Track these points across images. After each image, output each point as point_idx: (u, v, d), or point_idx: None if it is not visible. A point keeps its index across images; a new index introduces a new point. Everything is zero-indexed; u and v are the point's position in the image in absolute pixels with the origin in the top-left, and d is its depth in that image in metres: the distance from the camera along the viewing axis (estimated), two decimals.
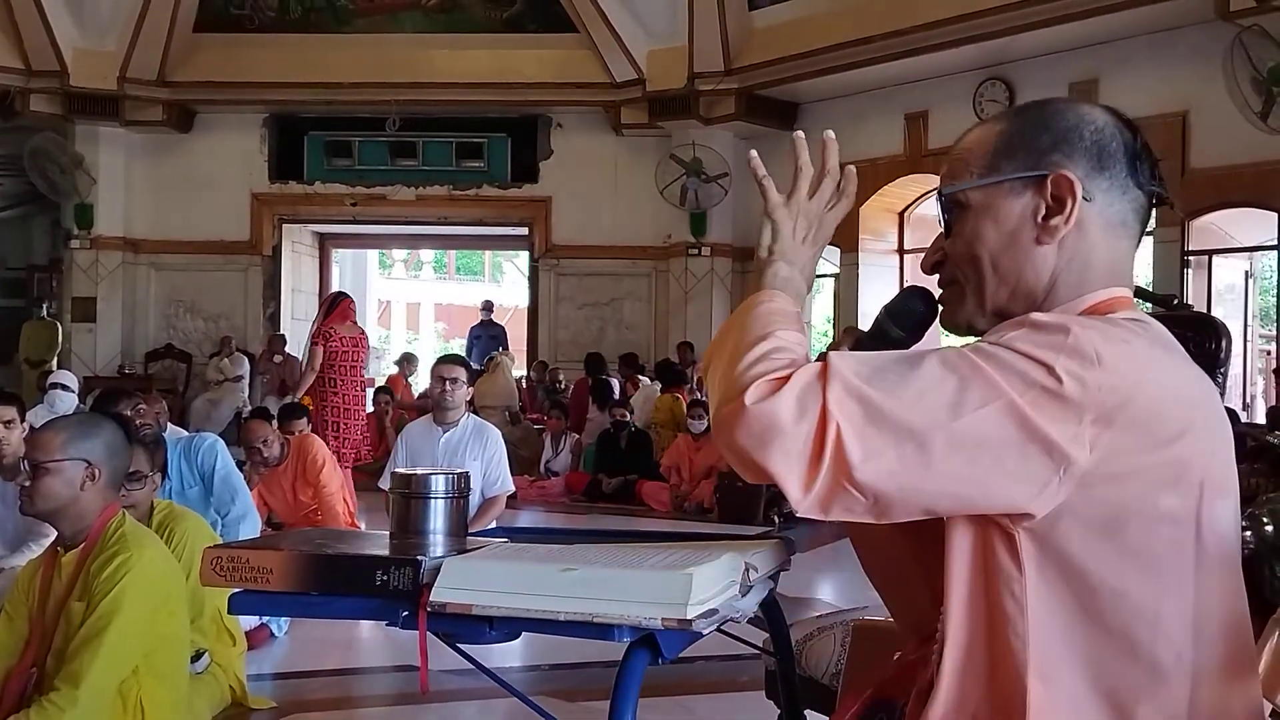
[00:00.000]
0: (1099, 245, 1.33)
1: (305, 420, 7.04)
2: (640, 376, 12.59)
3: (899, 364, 1.19)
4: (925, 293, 1.45)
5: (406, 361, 14.67)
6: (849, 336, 1.49)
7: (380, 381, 13.89)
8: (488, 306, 16.60)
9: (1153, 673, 1.19)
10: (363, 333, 8.91)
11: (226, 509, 5.01)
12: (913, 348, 1.44)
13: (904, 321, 1.44)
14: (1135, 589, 1.19)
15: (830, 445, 1.13)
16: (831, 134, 1.43)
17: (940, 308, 1.43)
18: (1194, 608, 1.20)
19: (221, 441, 5.30)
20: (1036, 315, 1.23)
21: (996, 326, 1.28)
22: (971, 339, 1.32)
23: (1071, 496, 1.16)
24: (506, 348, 14.85)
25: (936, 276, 1.42)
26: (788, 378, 1.18)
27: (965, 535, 1.23)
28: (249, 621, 4.67)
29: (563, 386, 12.94)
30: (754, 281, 1.39)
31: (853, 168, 1.44)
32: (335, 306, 8.90)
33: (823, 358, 1.20)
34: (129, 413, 4.75)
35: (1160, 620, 1.19)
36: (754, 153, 1.48)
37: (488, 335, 15.61)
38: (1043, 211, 1.32)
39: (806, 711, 1.89)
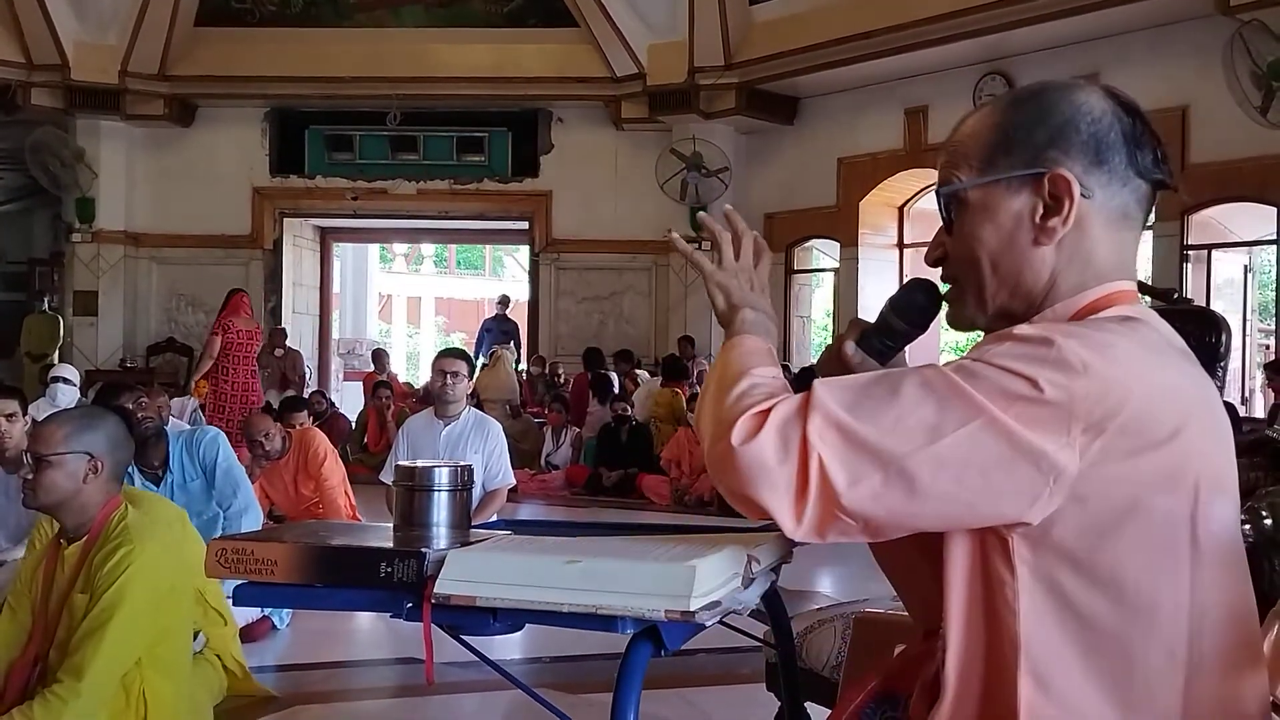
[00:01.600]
0: (1100, 240, 1.31)
1: (306, 414, 7.07)
2: (638, 371, 12.59)
3: (879, 387, 1.20)
4: (929, 285, 1.45)
5: (378, 358, 14.58)
6: (854, 328, 1.49)
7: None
8: (504, 301, 16.42)
9: (1145, 671, 1.20)
10: (258, 326, 10.49)
11: (228, 502, 5.02)
12: (893, 362, 1.47)
13: (907, 314, 1.45)
14: (1129, 590, 1.19)
15: (815, 476, 1.16)
16: (729, 206, 1.58)
17: (944, 300, 1.43)
18: (1190, 606, 1.20)
19: (223, 435, 5.31)
20: (1019, 328, 1.23)
21: (980, 341, 1.26)
22: (976, 334, 1.32)
23: (1065, 503, 1.17)
24: (520, 343, 14.81)
25: (940, 269, 1.41)
26: (769, 411, 1.21)
27: (962, 541, 1.24)
28: (252, 613, 4.69)
29: (563, 380, 12.94)
30: (727, 334, 1.45)
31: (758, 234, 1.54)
32: (228, 302, 10.49)
33: (811, 385, 1.22)
34: (131, 406, 4.77)
35: (1155, 620, 1.19)
36: (674, 233, 1.58)
37: (499, 330, 15.52)
38: (1040, 211, 1.30)
39: (807, 704, 1.90)
